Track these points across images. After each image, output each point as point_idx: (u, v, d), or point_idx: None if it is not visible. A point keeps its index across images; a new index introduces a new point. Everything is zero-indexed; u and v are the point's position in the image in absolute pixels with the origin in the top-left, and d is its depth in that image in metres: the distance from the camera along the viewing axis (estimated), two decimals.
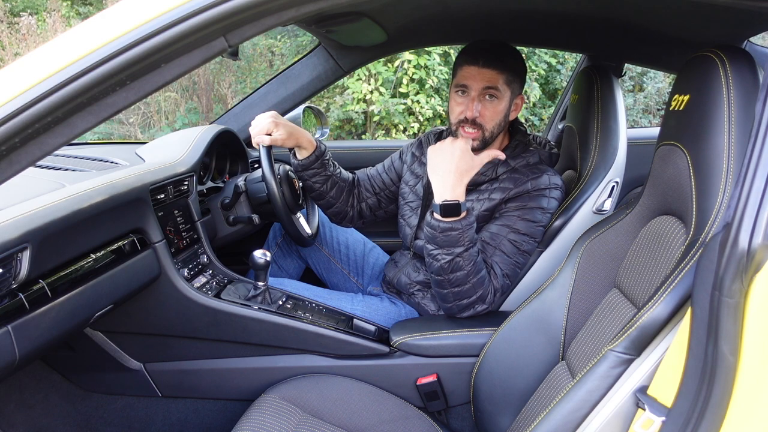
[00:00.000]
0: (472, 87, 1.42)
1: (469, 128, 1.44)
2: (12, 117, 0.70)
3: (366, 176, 1.79)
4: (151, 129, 5.43)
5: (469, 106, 1.42)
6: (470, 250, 1.33)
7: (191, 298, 1.38)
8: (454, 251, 1.32)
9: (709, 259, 0.73)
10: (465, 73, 1.42)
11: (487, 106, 1.43)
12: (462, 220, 1.32)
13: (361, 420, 1.29)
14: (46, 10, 6.18)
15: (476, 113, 1.42)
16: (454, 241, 1.31)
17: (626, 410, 0.87)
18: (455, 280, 1.35)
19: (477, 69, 1.40)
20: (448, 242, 1.32)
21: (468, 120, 1.43)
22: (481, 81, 1.41)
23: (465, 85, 1.43)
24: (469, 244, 1.32)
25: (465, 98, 1.44)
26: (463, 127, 1.45)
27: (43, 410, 1.50)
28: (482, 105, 1.42)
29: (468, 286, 1.36)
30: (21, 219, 0.96)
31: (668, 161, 1.03)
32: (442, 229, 1.32)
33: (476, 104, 1.42)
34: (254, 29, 0.77)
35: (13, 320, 0.94)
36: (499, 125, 1.46)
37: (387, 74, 5.09)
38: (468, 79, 1.42)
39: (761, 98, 0.70)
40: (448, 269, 1.34)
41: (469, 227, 1.33)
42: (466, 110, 1.43)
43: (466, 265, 1.33)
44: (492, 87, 1.41)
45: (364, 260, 1.88)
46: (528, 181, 1.44)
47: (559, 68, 5.65)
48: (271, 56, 5.97)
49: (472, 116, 1.42)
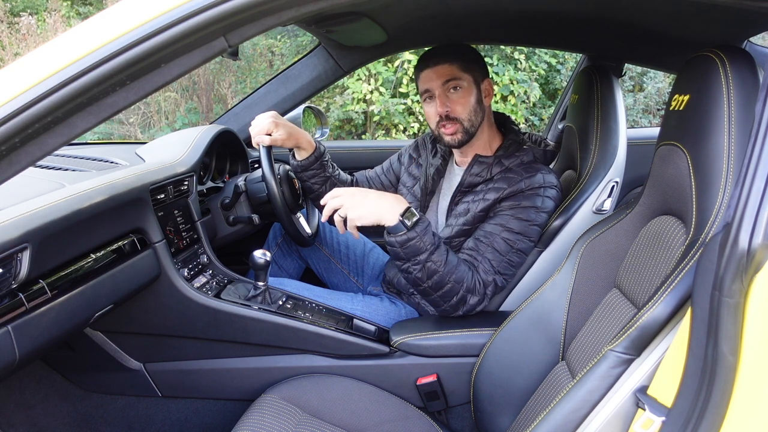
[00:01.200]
0: (432, 87, 1.46)
1: (448, 125, 1.48)
2: (12, 117, 0.70)
3: (365, 178, 1.79)
4: (151, 129, 5.43)
5: (437, 102, 1.46)
6: (435, 252, 1.33)
7: (191, 298, 1.38)
8: (419, 259, 1.32)
9: (709, 259, 0.73)
10: (422, 79, 1.49)
11: (454, 99, 1.46)
12: (416, 228, 1.31)
13: (361, 420, 1.29)
14: (46, 10, 6.19)
15: (447, 108, 1.46)
16: (416, 249, 1.31)
17: (626, 410, 0.87)
18: (435, 285, 1.35)
19: (430, 70, 1.46)
20: (411, 252, 1.32)
21: (442, 117, 1.47)
22: (438, 78, 1.45)
23: (427, 89, 1.48)
24: (431, 248, 1.32)
25: (432, 100, 1.48)
26: (443, 126, 1.48)
27: (43, 410, 1.50)
28: (449, 99, 1.46)
29: (450, 285, 1.36)
30: (21, 219, 0.96)
31: (668, 161, 1.03)
32: (401, 243, 1.31)
33: (443, 100, 1.46)
34: (254, 29, 0.77)
35: (13, 320, 0.94)
36: (474, 113, 1.48)
37: (387, 74, 5.09)
38: (426, 82, 1.47)
39: (761, 98, 0.70)
40: (424, 277, 1.34)
41: (425, 233, 1.32)
42: (437, 107, 1.47)
43: (438, 267, 1.33)
44: (450, 79, 1.45)
45: (364, 260, 1.88)
46: (522, 181, 1.44)
47: (559, 68, 5.65)
48: (271, 56, 5.97)
49: (444, 112, 1.46)
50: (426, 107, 1.51)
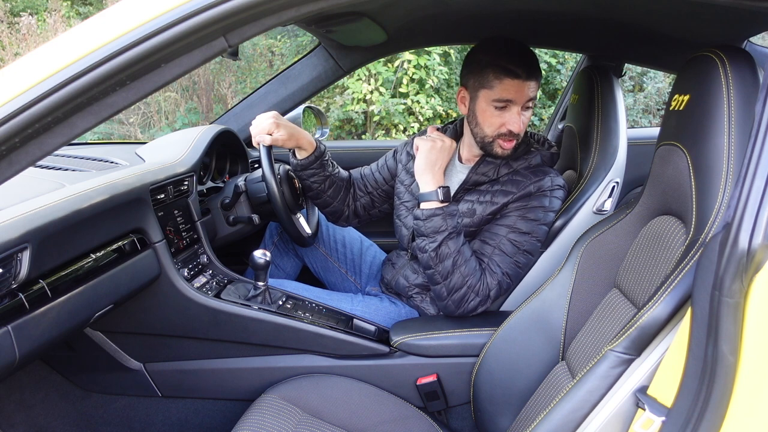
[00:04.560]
0: (516, 101, 1.37)
1: (510, 139, 1.41)
2: (12, 117, 0.70)
3: (359, 175, 1.79)
4: (151, 129, 5.43)
5: (514, 120, 1.38)
6: (454, 238, 1.36)
7: (191, 298, 1.38)
8: (437, 238, 1.36)
9: (709, 259, 0.73)
10: (508, 86, 1.35)
11: (527, 116, 1.41)
12: (444, 207, 1.37)
13: (361, 420, 1.29)
14: (47, 10, 6.19)
15: (523, 126, 1.40)
16: (437, 226, 1.35)
17: (626, 410, 0.88)
18: (444, 271, 1.37)
19: (521, 82, 1.35)
20: (432, 229, 1.36)
21: (512, 133, 1.40)
22: (526, 95, 1.37)
23: (509, 99, 1.37)
24: (452, 230, 1.36)
25: (505, 112, 1.39)
26: (502, 138, 1.41)
27: (43, 410, 1.50)
28: (524, 115, 1.40)
29: (457, 276, 1.37)
30: (21, 219, 0.96)
31: (668, 161, 1.03)
32: (426, 216, 1.37)
33: (522, 118, 1.39)
34: (254, 29, 0.77)
35: (13, 320, 0.94)
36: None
37: (387, 74, 5.09)
38: (512, 93, 1.36)
39: (761, 98, 0.70)
40: (436, 258, 1.37)
41: (451, 215, 1.36)
42: (509, 124, 1.39)
43: (452, 252, 1.36)
44: (533, 98, 1.40)
45: (361, 258, 1.88)
46: (531, 184, 1.44)
47: (559, 68, 5.65)
48: (271, 56, 5.97)
49: (519, 130, 1.39)
50: (491, 113, 1.39)
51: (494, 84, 1.36)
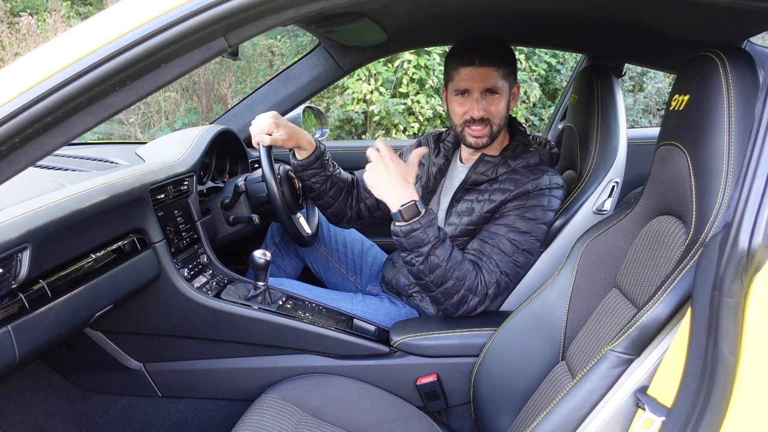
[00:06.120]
0: (473, 88, 1.42)
1: (476, 126, 1.45)
2: (12, 117, 0.70)
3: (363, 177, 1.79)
4: (151, 129, 5.43)
5: (473, 106, 1.43)
6: (439, 246, 1.33)
7: (191, 298, 1.38)
8: (422, 251, 1.33)
9: (709, 259, 0.73)
10: (463, 75, 1.42)
11: (491, 102, 1.43)
12: (420, 219, 1.33)
13: (361, 420, 1.29)
14: (46, 10, 6.19)
15: (482, 112, 1.43)
16: (419, 240, 1.32)
17: (626, 410, 0.88)
18: (437, 280, 1.35)
19: (474, 69, 1.40)
20: (414, 244, 1.33)
21: (474, 120, 1.44)
22: (481, 81, 1.41)
23: (465, 88, 1.43)
24: (435, 241, 1.33)
25: (467, 99, 1.44)
26: (469, 126, 1.46)
27: (43, 410, 1.50)
28: (486, 102, 1.43)
29: (452, 281, 1.36)
30: (21, 219, 0.96)
31: (668, 161, 1.03)
32: (405, 233, 1.33)
33: (480, 103, 1.42)
34: (254, 29, 0.77)
35: (13, 320, 0.94)
36: (503, 118, 1.47)
37: (387, 74, 5.09)
38: (467, 81, 1.42)
39: (761, 98, 0.70)
40: (426, 271, 1.34)
41: (429, 225, 1.33)
42: (471, 110, 1.43)
43: (441, 261, 1.33)
44: (491, 86, 1.42)
45: (362, 259, 1.88)
46: (528, 183, 1.44)
47: (559, 68, 5.65)
48: (271, 56, 5.97)
49: (480, 116, 1.43)
50: (454, 102, 1.46)
51: (453, 75, 1.44)
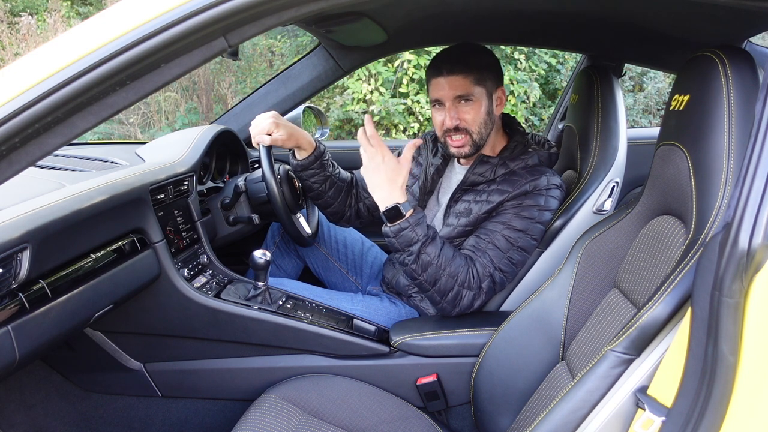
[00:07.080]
0: (443, 97, 1.43)
1: (456, 135, 1.46)
2: (12, 117, 0.70)
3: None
4: (151, 129, 5.43)
5: (445, 116, 1.44)
6: (429, 244, 1.34)
7: (191, 298, 1.38)
8: (413, 249, 1.34)
9: (709, 259, 0.73)
10: (434, 86, 1.45)
11: (465, 110, 1.43)
12: (408, 218, 1.33)
13: (361, 420, 1.29)
14: (46, 10, 6.19)
15: (456, 121, 1.44)
16: (409, 239, 1.33)
17: (626, 410, 0.88)
18: (430, 278, 1.36)
19: (443, 79, 1.42)
20: (405, 243, 1.34)
21: (450, 129, 1.45)
22: (450, 90, 1.42)
23: (437, 98, 1.45)
24: (424, 239, 1.34)
25: (442, 109, 1.45)
26: (449, 136, 1.47)
27: (43, 410, 1.50)
28: (459, 110, 1.43)
29: (445, 278, 1.36)
30: (21, 219, 0.96)
31: (668, 161, 1.03)
32: (394, 233, 1.34)
33: (452, 113, 1.43)
34: (254, 29, 0.77)
35: (13, 320, 0.94)
36: (484, 124, 1.46)
37: (387, 74, 5.09)
38: (438, 91, 1.44)
39: (761, 98, 0.70)
40: (419, 269, 1.35)
41: (417, 224, 1.34)
42: (446, 120, 1.44)
43: (432, 259, 1.34)
44: (462, 93, 1.42)
45: (362, 259, 1.88)
46: (526, 184, 1.44)
47: (559, 68, 5.65)
48: (271, 56, 5.97)
49: (453, 125, 1.44)
50: (434, 114, 1.48)
51: (429, 87, 1.48)
